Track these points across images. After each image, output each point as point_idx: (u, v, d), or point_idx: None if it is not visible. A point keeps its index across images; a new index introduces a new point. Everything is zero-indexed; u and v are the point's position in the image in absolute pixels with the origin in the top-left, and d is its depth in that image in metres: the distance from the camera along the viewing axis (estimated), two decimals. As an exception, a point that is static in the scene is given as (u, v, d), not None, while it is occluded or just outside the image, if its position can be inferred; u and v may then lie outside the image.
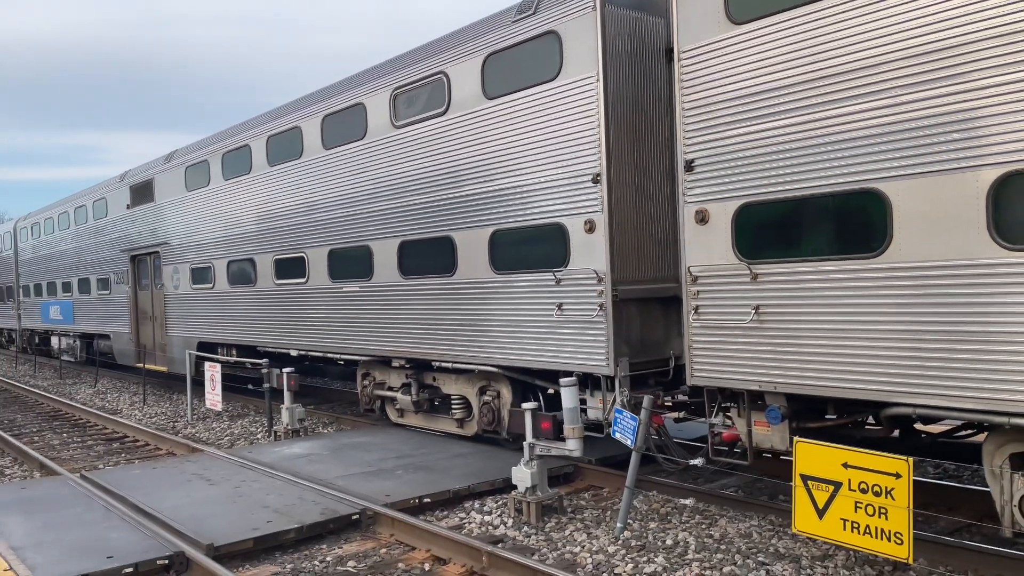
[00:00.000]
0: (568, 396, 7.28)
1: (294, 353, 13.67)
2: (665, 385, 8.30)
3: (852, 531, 5.39)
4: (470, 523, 7.54)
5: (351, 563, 6.64)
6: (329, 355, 12.87)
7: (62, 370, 24.27)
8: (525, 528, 7.27)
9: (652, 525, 7.25)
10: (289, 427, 11.92)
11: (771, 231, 6.65)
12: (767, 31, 6.56)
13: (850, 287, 6.13)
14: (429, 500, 7.96)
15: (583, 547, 6.75)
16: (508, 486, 8.00)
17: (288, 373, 12.01)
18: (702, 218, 7.08)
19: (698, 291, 7.15)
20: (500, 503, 7.99)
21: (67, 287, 23.81)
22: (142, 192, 18.58)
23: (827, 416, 6.94)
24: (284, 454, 10.18)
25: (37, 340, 28.17)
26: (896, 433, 7.34)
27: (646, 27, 8.50)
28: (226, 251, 15.21)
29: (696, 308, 7.16)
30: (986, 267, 5.40)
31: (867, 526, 5.30)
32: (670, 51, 7.69)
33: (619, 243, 8.18)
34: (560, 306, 8.55)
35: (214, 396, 13.73)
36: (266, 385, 12.62)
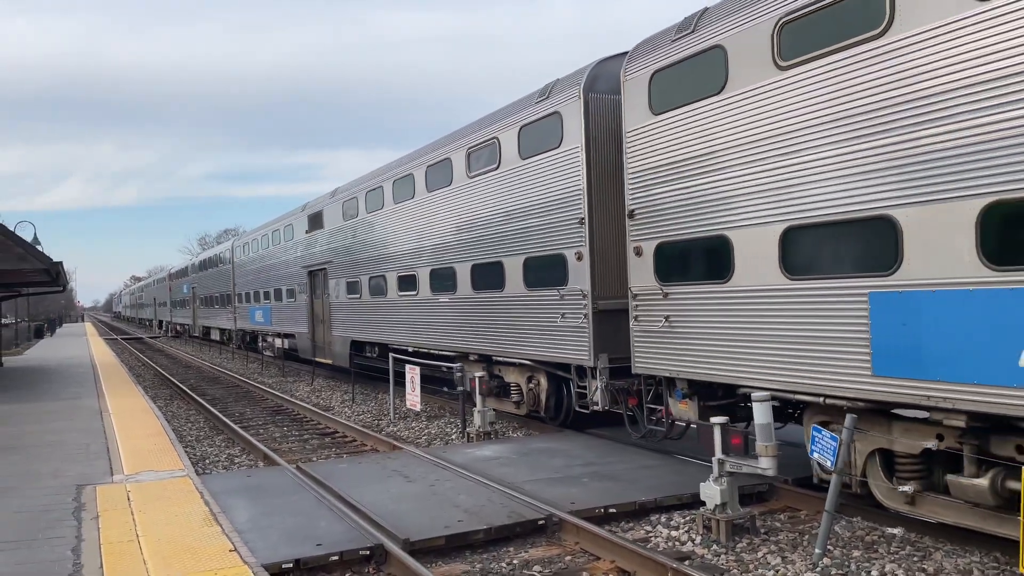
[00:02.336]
0: (761, 412, 6.94)
1: (410, 349, 16.67)
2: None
3: (1099, 580, 4.71)
4: (656, 537, 7.40)
5: (536, 568, 6.74)
6: (431, 351, 15.69)
7: (284, 368, 26.76)
8: (714, 547, 7.01)
9: (855, 553, 6.73)
10: (480, 429, 12.33)
11: (674, 262, 9.21)
12: (671, 121, 9.13)
13: (714, 303, 8.61)
14: (614, 510, 7.91)
15: (777, 571, 6.40)
16: (696, 501, 7.75)
17: (480, 377, 12.44)
18: (638, 252, 9.70)
19: (636, 305, 9.76)
20: (688, 518, 7.77)
21: (267, 295, 29.11)
22: (315, 220, 23.14)
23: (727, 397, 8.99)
24: (475, 455, 10.55)
25: (248, 339, 33.82)
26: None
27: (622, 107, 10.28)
28: (367, 269, 19.16)
29: (636, 317, 9.78)
30: (779, 291, 7.80)
31: (1118, 575, 4.62)
32: None
33: (600, 269, 10.82)
34: (563, 315, 11.38)
35: (414, 397, 14.51)
36: (459, 388, 13.15)
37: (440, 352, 15.25)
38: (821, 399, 7.40)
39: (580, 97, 10.90)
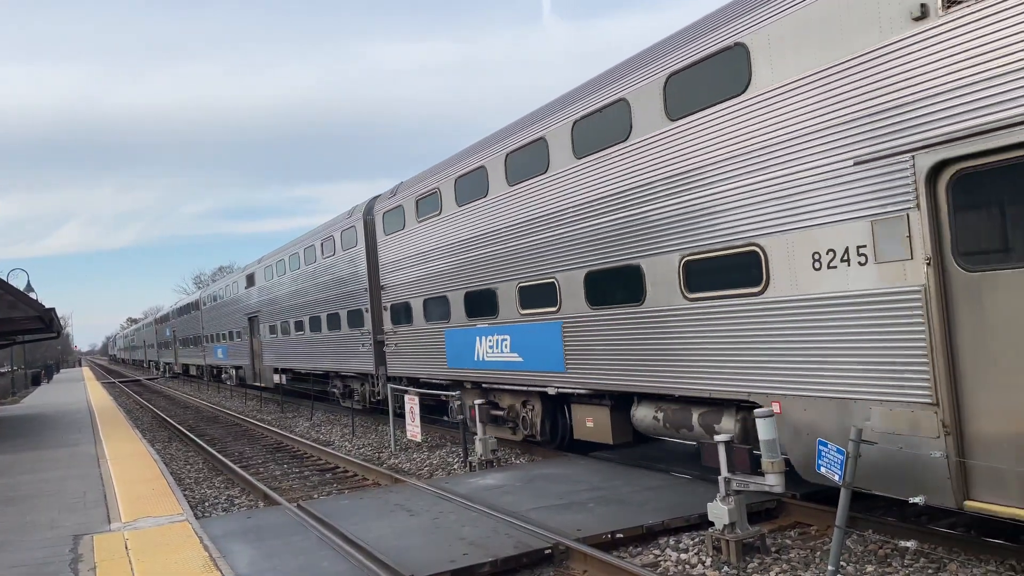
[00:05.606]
0: (765, 428, 6.84)
1: (319, 372, 23.32)
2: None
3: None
4: (665, 561, 7.26)
5: (545, 599, 6.59)
6: (319, 372, 23.21)
7: (283, 405, 26.56)
8: (725, 568, 6.88)
9: (869, 568, 6.61)
10: (483, 457, 12.18)
11: (398, 314, 16.91)
12: (392, 240, 16.99)
13: (410, 336, 16.34)
14: (622, 535, 7.76)
15: (790, 591, 6.26)
16: (704, 522, 7.63)
17: (479, 405, 12.31)
18: (385, 308, 17.51)
19: (386, 338, 17.63)
20: (697, 540, 7.63)
21: (224, 336, 36.39)
22: (250, 279, 30.68)
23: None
24: (479, 485, 10.39)
25: (214, 372, 41.38)
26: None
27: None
28: (279, 316, 26.47)
29: (385, 344, 17.62)
30: (422, 329, 15.92)
31: None
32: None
33: (376, 317, 18.25)
34: (362, 344, 18.94)
35: (414, 428, 14.35)
36: (459, 417, 13.02)
37: (325, 370, 22.47)
38: (442, 380, 15.18)
39: (362, 219, 18.65)
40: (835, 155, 6.99)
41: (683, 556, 7.27)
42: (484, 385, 13.74)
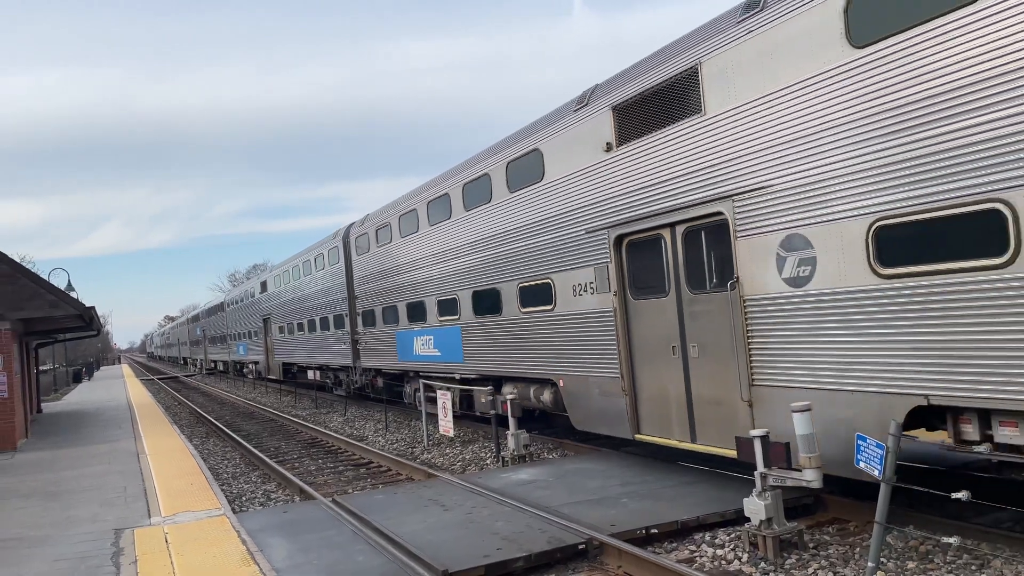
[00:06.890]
0: (801, 422, 6.74)
1: (302, 364, 28.99)
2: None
3: None
4: (701, 557, 7.19)
5: (580, 595, 6.56)
6: (310, 367, 28.14)
7: (317, 400, 26.85)
8: (762, 564, 6.79)
9: (910, 565, 6.48)
10: (515, 452, 12.18)
11: (368, 318, 20.93)
12: (362, 259, 21.17)
13: (376, 336, 20.48)
14: (656, 531, 7.71)
15: (829, 588, 6.17)
16: (740, 517, 7.54)
17: (511, 400, 12.31)
18: (360, 314, 21.53)
19: (359, 337, 21.83)
20: (733, 536, 7.55)
21: (243, 335, 41.69)
22: (264, 285, 35.61)
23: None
24: (511, 480, 10.40)
25: (238, 367, 46.19)
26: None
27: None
28: (286, 318, 30.87)
29: (358, 342, 21.90)
30: (383, 331, 20.07)
31: None
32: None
33: (352, 321, 22.10)
34: (344, 342, 22.96)
35: (446, 423, 14.40)
36: (492, 412, 13.03)
37: (311, 366, 27.83)
38: (395, 371, 19.26)
39: (341, 241, 22.65)
40: (580, 226, 11.10)
41: (719, 552, 7.20)
42: (421, 373, 17.27)
